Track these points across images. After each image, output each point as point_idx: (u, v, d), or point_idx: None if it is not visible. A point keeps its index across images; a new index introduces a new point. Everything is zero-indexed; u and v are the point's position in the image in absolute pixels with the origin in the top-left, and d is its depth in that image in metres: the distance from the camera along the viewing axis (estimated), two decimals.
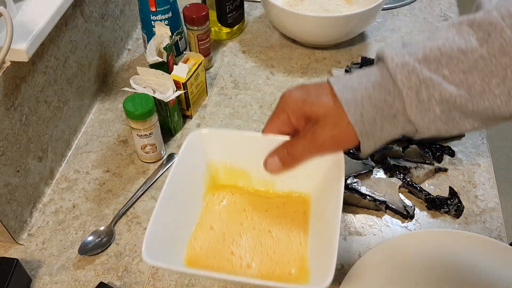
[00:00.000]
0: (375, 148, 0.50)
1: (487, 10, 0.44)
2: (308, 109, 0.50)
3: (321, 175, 0.55)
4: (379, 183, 0.71)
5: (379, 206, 0.69)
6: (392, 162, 0.72)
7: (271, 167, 0.53)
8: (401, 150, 0.74)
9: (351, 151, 0.72)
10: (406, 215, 0.68)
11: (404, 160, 0.73)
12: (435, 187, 0.72)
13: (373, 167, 0.72)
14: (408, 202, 0.70)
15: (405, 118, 0.47)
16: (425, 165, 0.72)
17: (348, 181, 0.71)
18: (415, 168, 0.72)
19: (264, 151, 0.54)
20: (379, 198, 0.69)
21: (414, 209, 0.69)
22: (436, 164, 0.74)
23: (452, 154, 0.75)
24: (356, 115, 0.48)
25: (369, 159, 0.73)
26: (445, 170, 0.73)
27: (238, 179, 0.59)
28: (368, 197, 0.68)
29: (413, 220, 0.68)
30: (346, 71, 0.88)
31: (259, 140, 0.55)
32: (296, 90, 0.52)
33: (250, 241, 0.54)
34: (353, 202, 0.70)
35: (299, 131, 0.53)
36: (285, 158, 0.53)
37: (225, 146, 0.57)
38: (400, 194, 0.70)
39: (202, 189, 0.58)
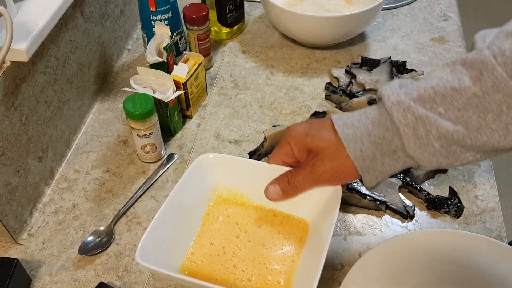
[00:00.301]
0: (378, 182, 0.53)
1: (479, 49, 0.45)
2: (309, 142, 0.54)
3: (320, 205, 0.57)
4: None
5: (379, 206, 0.69)
6: None
7: (272, 195, 0.57)
8: None
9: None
10: (406, 215, 0.68)
11: None
12: (435, 187, 0.72)
13: None
14: (408, 202, 0.70)
15: (405, 153, 0.49)
16: None
17: None
18: (415, 168, 0.72)
19: (266, 179, 0.57)
20: (379, 198, 0.69)
21: (414, 209, 0.69)
22: None
23: None
24: (356, 151, 0.50)
25: None
26: (445, 170, 0.73)
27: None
28: (368, 197, 0.68)
29: (413, 220, 0.68)
30: (346, 71, 0.88)
31: (263, 168, 0.58)
32: (301, 124, 0.55)
33: (249, 253, 0.57)
34: (353, 202, 0.70)
35: (301, 163, 0.56)
36: (285, 187, 0.56)
37: (230, 171, 0.61)
38: (400, 194, 0.70)
39: (204, 209, 0.61)
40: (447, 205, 0.68)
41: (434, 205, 0.68)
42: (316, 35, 0.91)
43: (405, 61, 0.88)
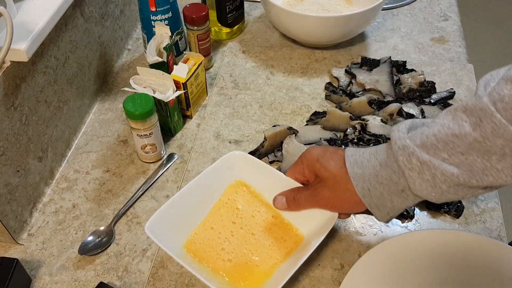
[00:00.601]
0: (391, 216, 0.56)
1: (478, 96, 0.47)
2: (317, 168, 0.58)
3: (318, 224, 0.62)
4: None
5: None
6: None
7: (278, 204, 0.64)
8: None
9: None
10: (406, 215, 0.68)
11: None
12: None
13: None
14: None
15: (412, 193, 0.52)
16: None
17: None
18: None
19: (280, 187, 0.64)
20: None
21: (414, 209, 0.69)
22: None
23: None
24: (364, 190, 0.54)
25: None
26: None
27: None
28: None
29: (413, 220, 0.68)
30: (346, 71, 0.89)
31: (279, 178, 0.65)
32: (317, 148, 0.60)
33: (239, 239, 0.63)
34: None
35: (310, 182, 0.62)
36: (290, 201, 0.62)
37: (252, 171, 0.67)
38: None
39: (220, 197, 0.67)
40: (447, 205, 0.68)
41: (434, 205, 0.68)
42: (316, 35, 0.91)
43: (405, 61, 0.88)
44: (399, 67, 0.88)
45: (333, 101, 0.85)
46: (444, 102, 0.82)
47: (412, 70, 0.87)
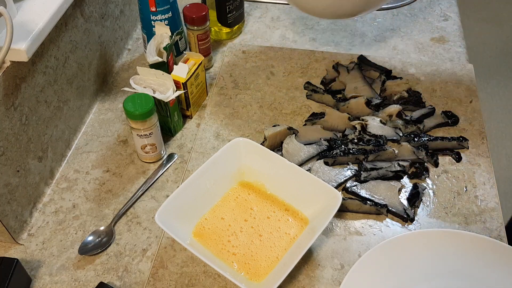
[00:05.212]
0: None
1: None
2: None
3: (320, 207, 0.64)
4: (379, 186, 0.70)
5: (380, 210, 0.68)
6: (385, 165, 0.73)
7: None
8: (395, 151, 0.73)
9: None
10: (406, 218, 0.68)
11: (397, 163, 0.73)
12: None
13: (358, 171, 0.73)
14: (407, 204, 0.70)
15: None
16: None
17: (348, 184, 0.71)
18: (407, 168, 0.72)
19: (284, 173, 0.67)
20: (380, 202, 0.68)
21: (415, 212, 0.69)
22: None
23: (458, 159, 0.75)
24: None
25: (350, 164, 0.74)
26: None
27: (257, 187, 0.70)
28: (369, 202, 0.68)
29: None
30: (333, 67, 0.89)
31: (283, 165, 0.67)
32: None
33: (246, 238, 0.64)
34: (354, 208, 0.69)
35: None
36: None
37: (256, 158, 0.69)
38: (399, 197, 0.70)
39: (228, 186, 0.69)
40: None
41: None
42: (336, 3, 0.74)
43: (391, 70, 0.87)
44: (387, 73, 0.87)
45: (315, 100, 0.85)
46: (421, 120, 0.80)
47: (400, 77, 0.86)
